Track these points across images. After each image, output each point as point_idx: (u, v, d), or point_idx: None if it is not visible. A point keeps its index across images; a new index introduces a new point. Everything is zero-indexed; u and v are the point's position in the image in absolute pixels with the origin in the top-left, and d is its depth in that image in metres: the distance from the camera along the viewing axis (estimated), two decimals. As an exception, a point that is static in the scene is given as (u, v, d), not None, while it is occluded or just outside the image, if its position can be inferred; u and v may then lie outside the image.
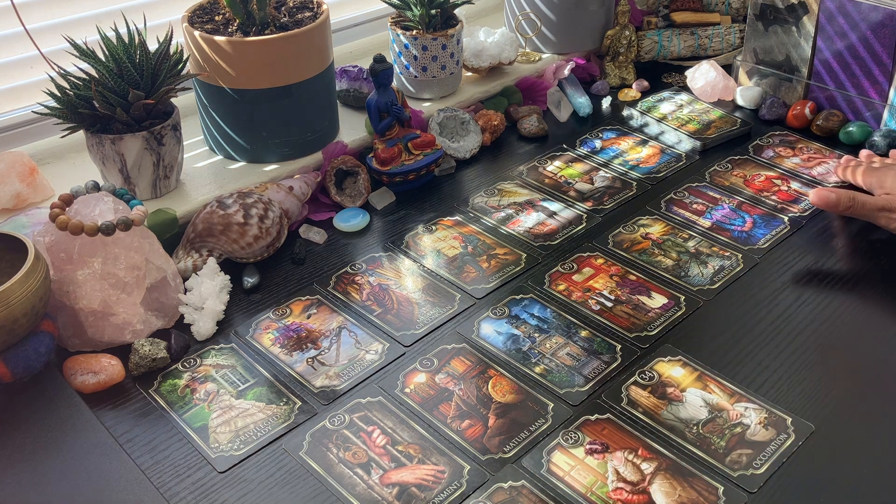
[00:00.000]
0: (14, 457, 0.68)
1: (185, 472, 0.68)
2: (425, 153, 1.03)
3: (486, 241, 0.94)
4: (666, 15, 1.29)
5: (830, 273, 0.88)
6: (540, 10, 1.23)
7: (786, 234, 0.94)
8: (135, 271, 0.79)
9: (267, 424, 0.72)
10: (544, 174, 1.06)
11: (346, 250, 0.94)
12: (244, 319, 0.84)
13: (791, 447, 0.69)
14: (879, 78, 1.07)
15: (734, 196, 1.00)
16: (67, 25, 1.03)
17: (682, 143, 1.11)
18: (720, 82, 1.18)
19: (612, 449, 0.69)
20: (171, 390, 0.76)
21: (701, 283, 0.87)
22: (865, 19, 1.06)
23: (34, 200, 0.94)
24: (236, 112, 0.99)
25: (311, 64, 0.99)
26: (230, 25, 0.98)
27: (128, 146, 0.90)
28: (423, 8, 1.09)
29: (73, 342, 0.79)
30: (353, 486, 0.67)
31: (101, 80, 0.87)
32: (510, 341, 0.80)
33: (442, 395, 0.75)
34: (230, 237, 0.87)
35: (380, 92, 1.00)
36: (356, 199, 1.00)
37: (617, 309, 0.84)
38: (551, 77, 1.21)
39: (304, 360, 0.79)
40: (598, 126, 1.16)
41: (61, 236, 0.77)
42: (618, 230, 0.95)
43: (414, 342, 0.81)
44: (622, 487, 0.66)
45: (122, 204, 0.82)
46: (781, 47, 1.15)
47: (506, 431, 0.71)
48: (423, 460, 0.69)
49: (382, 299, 0.86)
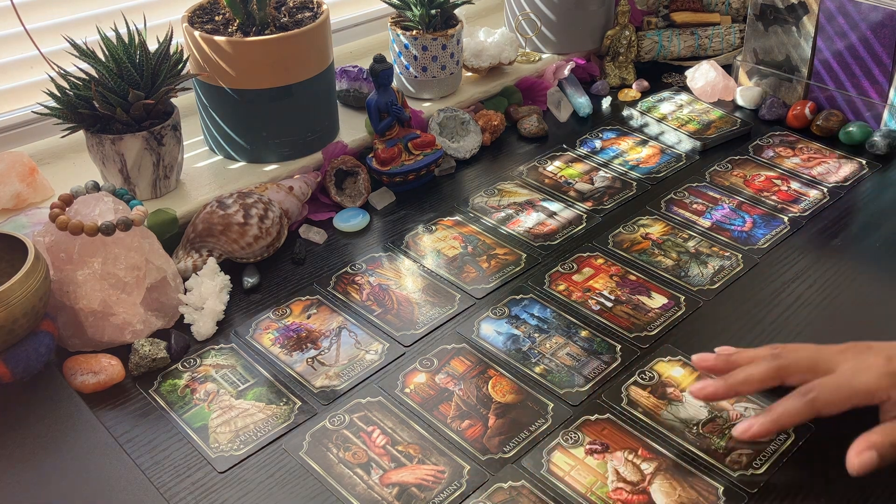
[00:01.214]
0: (14, 457, 0.68)
1: (185, 472, 0.68)
2: (425, 153, 1.03)
3: (486, 241, 0.94)
4: (666, 15, 1.29)
5: (830, 273, 0.88)
6: (540, 10, 1.23)
7: (786, 234, 0.94)
8: (135, 271, 0.79)
9: (267, 424, 0.72)
10: (544, 174, 1.06)
11: (346, 250, 0.94)
12: (244, 319, 0.84)
13: (791, 447, 0.69)
14: (879, 78, 1.07)
15: (734, 196, 1.00)
16: (67, 25, 1.03)
17: (682, 143, 1.11)
18: (720, 82, 1.18)
19: (612, 449, 0.69)
20: (171, 390, 0.76)
21: (701, 283, 0.87)
22: (865, 19, 1.06)
23: (34, 200, 0.94)
24: (236, 112, 0.99)
25: (311, 64, 0.99)
26: (230, 25, 0.98)
27: (128, 146, 0.90)
28: (423, 8, 1.09)
29: (73, 342, 0.79)
30: (353, 486, 0.67)
31: (101, 80, 0.87)
32: (510, 341, 0.80)
33: (442, 395, 0.75)
34: (230, 237, 0.87)
35: (380, 92, 1.00)
36: (356, 199, 1.00)
37: (617, 309, 0.84)
38: (551, 77, 1.21)
39: (304, 360, 0.79)
40: (598, 126, 1.16)
41: (61, 236, 0.77)
42: (618, 230, 0.95)
43: (414, 342, 0.81)
44: (622, 487, 0.66)
45: (122, 204, 0.82)
46: (781, 47, 1.15)
47: (506, 431, 0.71)
48: (423, 460, 0.69)
49: (382, 299, 0.86)
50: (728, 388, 0.68)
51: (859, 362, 0.66)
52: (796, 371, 0.67)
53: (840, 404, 0.65)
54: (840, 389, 0.65)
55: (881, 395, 0.64)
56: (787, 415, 0.65)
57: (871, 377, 0.64)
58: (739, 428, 0.67)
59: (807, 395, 0.65)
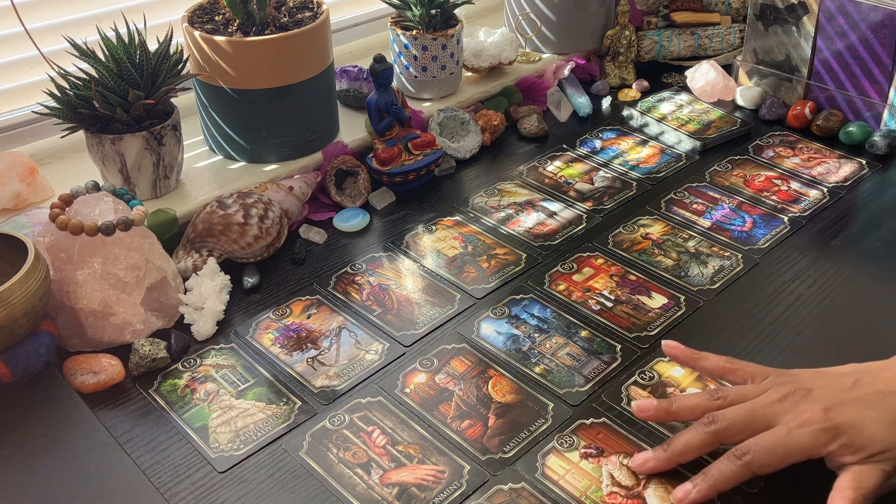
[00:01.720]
0: (14, 457, 0.68)
1: (185, 472, 0.68)
2: (425, 153, 1.03)
3: (486, 241, 0.94)
4: (666, 15, 1.29)
5: (830, 273, 0.88)
6: (540, 10, 1.23)
7: (786, 234, 0.94)
8: (135, 271, 0.79)
9: (267, 424, 0.72)
10: (544, 174, 1.06)
11: (346, 250, 0.94)
12: (244, 319, 0.84)
13: (791, 447, 0.69)
14: (879, 78, 1.07)
15: (734, 196, 1.00)
16: (67, 25, 1.03)
17: (682, 143, 1.11)
18: (720, 82, 1.18)
19: (606, 453, 0.69)
20: (171, 390, 0.76)
21: (701, 283, 0.87)
22: (865, 19, 1.06)
23: (34, 200, 0.94)
24: (236, 112, 0.99)
25: (311, 64, 0.99)
26: (230, 25, 0.98)
27: (128, 146, 0.90)
28: (423, 8, 1.09)
29: (73, 342, 0.79)
30: (353, 486, 0.67)
31: (101, 80, 0.87)
32: (510, 341, 0.80)
33: (442, 395, 0.75)
34: (230, 237, 0.87)
35: (380, 92, 1.00)
36: (356, 199, 1.00)
37: (617, 309, 0.84)
38: (551, 77, 1.21)
39: (304, 360, 0.79)
40: (598, 126, 1.16)
41: (61, 236, 0.77)
42: (618, 230, 0.95)
43: (414, 342, 0.81)
44: (616, 492, 0.66)
45: (122, 204, 0.82)
46: (781, 47, 1.15)
47: (506, 431, 0.71)
48: (423, 460, 0.69)
49: (382, 299, 0.86)
50: (668, 461, 0.66)
51: (796, 416, 0.63)
52: (734, 433, 0.65)
53: (776, 464, 0.63)
54: (776, 450, 0.63)
55: (819, 451, 0.63)
56: (723, 479, 0.63)
57: (807, 435, 0.62)
58: (678, 494, 0.64)
59: (742, 458, 0.63)
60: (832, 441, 0.62)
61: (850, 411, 0.63)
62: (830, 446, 0.62)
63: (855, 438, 0.62)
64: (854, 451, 0.62)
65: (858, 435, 0.62)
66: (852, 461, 0.62)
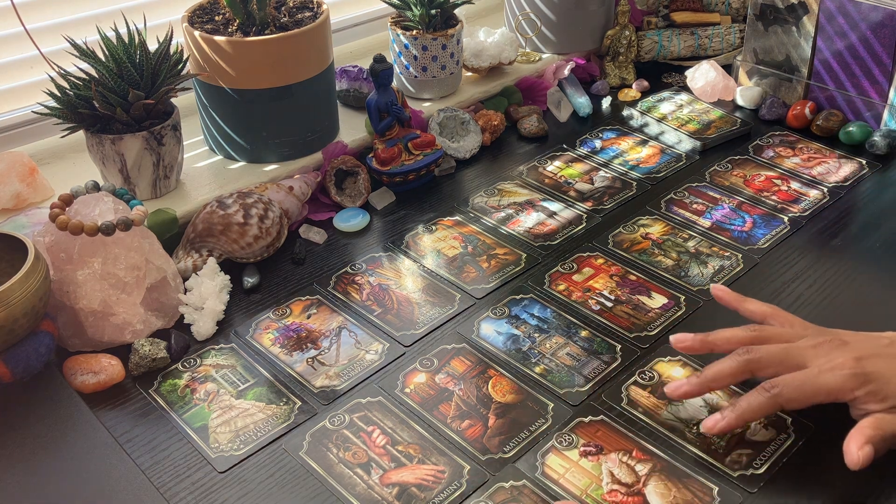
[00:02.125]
0: (14, 457, 0.68)
1: (185, 472, 0.68)
2: (425, 153, 1.03)
3: (486, 241, 0.94)
4: (666, 15, 1.29)
5: (830, 273, 0.88)
6: (540, 10, 1.23)
7: (786, 234, 0.94)
8: (135, 271, 0.79)
9: (267, 424, 0.72)
10: (544, 174, 1.06)
11: (346, 250, 0.94)
12: (244, 319, 0.84)
13: (791, 447, 0.69)
14: (879, 78, 1.07)
15: (734, 196, 1.00)
16: (67, 25, 1.03)
17: (682, 143, 1.11)
18: (720, 82, 1.18)
19: (606, 451, 0.69)
20: (171, 390, 0.76)
21: (701, 283, 0.87)
22: (865, 19, 1.06)
23: (34, 200, 0.94)
24: (236, 112, 0.99)
25: (311, 64, 0.99)
26: (230, 25, 0.98)
27: (128, 146, 0.90)
28: (423, 8, 1.09)
29: (73, 342, 0.79)
30: (353, 486, 0.67)
31: (101, 80, 0.87)
32: (510, 341, 0.80)
33: (442, 395, 0.75)
34: (230, 237, 0.87)
35: (380, 92, 1.00)
36: (356, 199, 1.00)
37: (617, 309, 0.84)
38: (551, 77, 1.21)
39: (304, 360, 0.79)
40: (598, 126, 1.16)
41: (61, 236, 0.77)
42: (618, 230, 0.95)
43: (414, 342, 0.81)
44: (617, 489, 0.66)
45: (122, 204, 0.82)
46: (781, 47, 1.15)
47: (506, 431, 0.71)
48: (423, 460, 0.69)
49: (382, 299, 0.86)
50: (701, 386, 0.69)
51: (829, 360, 0.66)
52: (767, 365, 0.67)
53: (803, 401, 0.65)
54: (804, 387, 0.65)
55: (846, 395, 0.65)
56: (750, 409, 0.66)
57: (837, 378, 0.65)
58: (707, 423, 0.68)
59: (771, 391, 0.65)
60: (860, 387, 0.64)
61: (882, 363, 0.65)
62: (857, 391, 0.64)
63: (882, 387, 0.64)
64: (880, 399, 0.64)
65: (886, 385, 0.64)
66: (876, 409, 0.64)
